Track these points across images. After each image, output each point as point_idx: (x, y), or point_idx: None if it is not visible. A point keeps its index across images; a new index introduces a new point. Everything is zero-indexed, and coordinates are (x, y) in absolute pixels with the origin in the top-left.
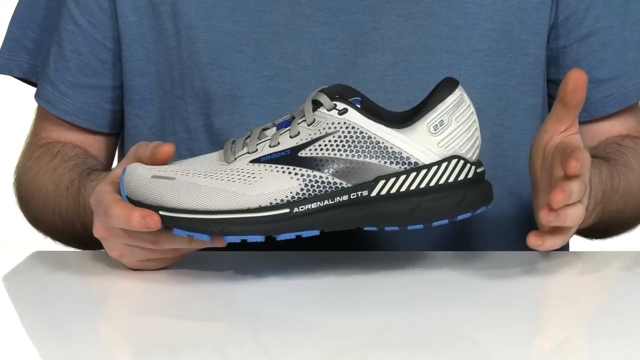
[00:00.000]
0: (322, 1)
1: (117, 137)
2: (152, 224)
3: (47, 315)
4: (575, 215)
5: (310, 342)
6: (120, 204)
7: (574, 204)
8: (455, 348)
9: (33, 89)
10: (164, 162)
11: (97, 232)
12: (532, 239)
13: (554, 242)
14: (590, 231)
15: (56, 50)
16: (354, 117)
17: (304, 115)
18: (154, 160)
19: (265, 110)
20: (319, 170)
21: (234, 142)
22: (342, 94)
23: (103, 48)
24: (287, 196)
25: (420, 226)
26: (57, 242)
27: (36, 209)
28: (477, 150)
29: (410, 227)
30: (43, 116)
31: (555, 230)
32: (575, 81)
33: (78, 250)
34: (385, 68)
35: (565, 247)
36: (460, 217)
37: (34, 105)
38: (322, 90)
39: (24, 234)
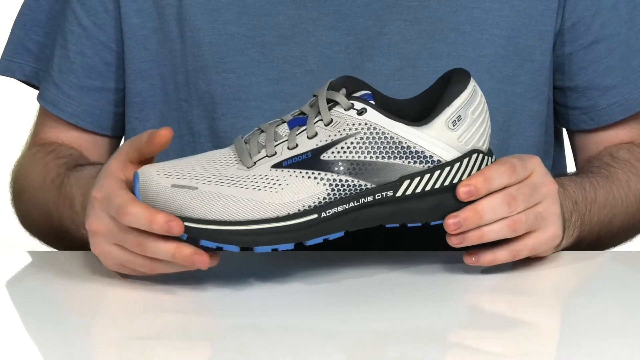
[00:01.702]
0: (328, 5)
1: (119, 140)
2: (175, 229)
3: (45, 318)
4: (493, 230)
5: (329, 344)
6: (139, 203)
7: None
8: (455, 346)
9: (34, 91)
10: (162, 147)
11: (92, 224)
12: (466, 258)
13: (495, 256)
14: (580, 246)
15: (61, 52)
16: (374, 117)
17: (319, 114)
18: (152, 146)
19: (270, 113)
20: (343, 173)
21: (245, 140)
22: (349, 86)
23: (108, 50)
24: (314, 202)
25: (441, 221)
26: (43, 243)
27: (25, 204)
28: (488, 138)
29: (433, 223)
30: (44, 118)
31: (499, 242)
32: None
33: (71, 251)
34: (392, 73)
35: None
36: None
37: (34, 107)
38: (329, 85)
39: (23, 235)
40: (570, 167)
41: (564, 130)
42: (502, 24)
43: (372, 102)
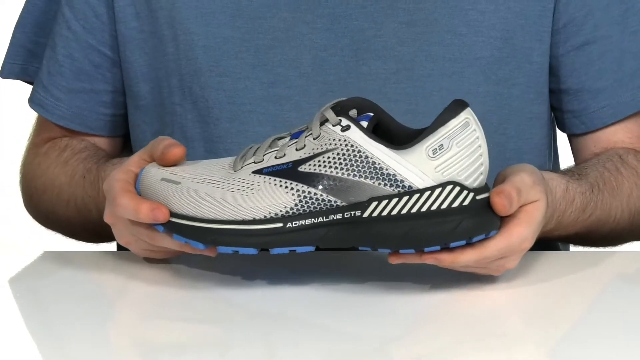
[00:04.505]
0: (322, 8)
1: (119, 141)
2: (160, 216)
3: (53, 317)
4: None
5: (319, 345)
6: (128, 194)
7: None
8: (457, 349)
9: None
10: (173, 164)
11: (106, 217)
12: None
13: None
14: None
15: (50, 54)
16: (355, 135)
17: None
18: (163, 160)
19: (265, 117)
20: (314, 186)
21: (251, 148)
22: (359, 107)
23: (97, 53)
24: (280, 210)
25: (412, 250)
26: (69, 237)
27: (49, 202)
28: (481, 177)
29: (402, 251)
30: (42, 117)
31: None
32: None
33: (83, 250)
34: (387, 76)
35: (565, 247)
36: (453, 245)
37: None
38: (339, 102)
39: (29, 235)
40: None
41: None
42: (498, 25)
43: (361, 122)
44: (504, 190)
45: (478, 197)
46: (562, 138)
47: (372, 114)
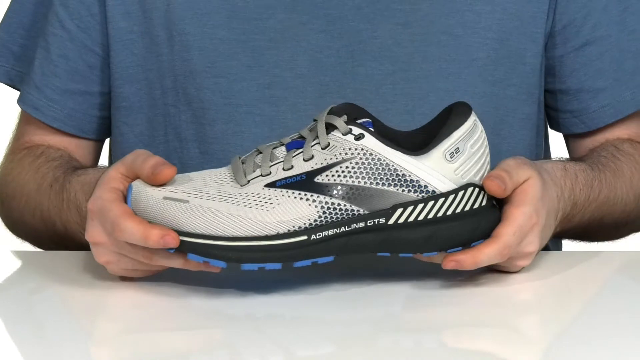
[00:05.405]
0: (319, 9)
1: (103, 143)
2: (171, 242)
3: (34, 330)
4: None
5: (321, 335)
6: (133, 218)
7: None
8: (456, 347)
9: (17, 93)
10: (163, 183)
11: (91, 236)
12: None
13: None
14: (561, 236)
15: (43, 55)
16: (371, 143)
17: (317, 137)
18: (153, 180)
19: (261, 118)
20: (336, 197)
21: (242, 160)
22: (350, 113)
23: (92, 54)
24: (305, 223)
25: (435, 253)
26: (36, 247)
27: (17, 210)
28: (487, 174)
29: (425, 255)
30: (26, 120)
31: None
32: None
33: (78, 251)
34: (384, 77)
35: (559, 248)
36: (473, 244)
37: (17, 108)
38: (331, 110)
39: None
40: None
41: (552, 131)
42: (494, 26)
43: (371, 129)
44: (492, 174)
45: (490, 196)
46: (557, 140)
47: (370, 120)
